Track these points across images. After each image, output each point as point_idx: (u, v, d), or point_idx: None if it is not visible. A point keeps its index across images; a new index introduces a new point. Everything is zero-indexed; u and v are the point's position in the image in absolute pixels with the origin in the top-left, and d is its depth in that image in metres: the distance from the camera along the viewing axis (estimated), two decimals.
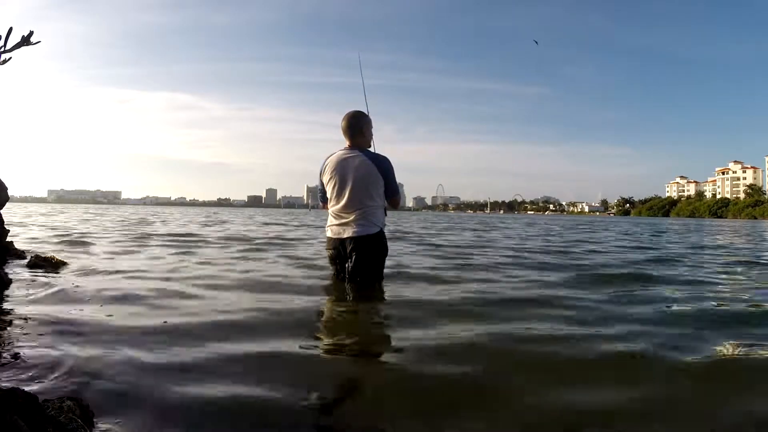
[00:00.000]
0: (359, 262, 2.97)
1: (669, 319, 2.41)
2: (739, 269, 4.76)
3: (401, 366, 1.65)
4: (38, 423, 1.04)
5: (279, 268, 4.15)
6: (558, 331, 2.12)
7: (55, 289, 2.92)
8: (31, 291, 2.85)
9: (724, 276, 4.17)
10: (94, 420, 1.20)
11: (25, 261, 3.98)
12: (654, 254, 6.27)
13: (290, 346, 1.84)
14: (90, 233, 8.30)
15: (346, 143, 3.11)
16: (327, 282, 3.27)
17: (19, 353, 1.69)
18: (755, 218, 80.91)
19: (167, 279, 3.44)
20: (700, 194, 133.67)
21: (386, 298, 2.90)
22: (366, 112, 3.20)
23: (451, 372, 1.59)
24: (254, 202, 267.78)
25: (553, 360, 1.76)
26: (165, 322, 2.17)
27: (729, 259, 5.81)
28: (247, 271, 3.83)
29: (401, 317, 2.39)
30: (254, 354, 1.73)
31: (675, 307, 2.71)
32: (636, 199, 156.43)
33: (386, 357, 1.80)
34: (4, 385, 1.34)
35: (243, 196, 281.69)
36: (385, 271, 3.24)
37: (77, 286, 3.01)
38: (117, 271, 3.72)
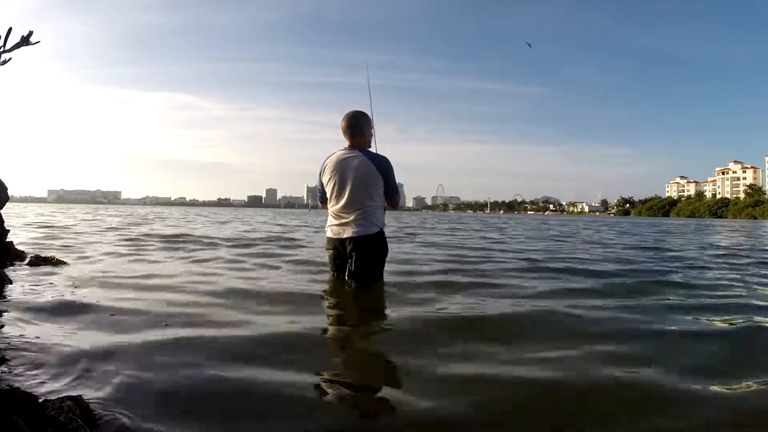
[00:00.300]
0: (359, 262, 2.97)
1: (699, 337, 2.20)
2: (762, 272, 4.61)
3: (409, 398, 1.45)
4: (38, 423, 1.04)
5: (279, 271, 4.13)
6: (568, 351, 1.92)
7: (55, 289, 2.92)
8: (31, 291, 2.85)
9: (748, 282, 3.93)
10: (94, 421, 1.20)
11: (26, 261, 3.99)
12: (671, 256, 6.21)
13: (290, 373, 1.64)
14: (90, 233, 8.31)
15: (346, 143, 3.11)
16: (327, 286, 3.21)
17: (19, 354, 1.70)
18: (755, 218, 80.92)
19: (166, 281, 3.44)
20: (700, 194, 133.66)
21: (393, 310, 2.62)
22: (370, 114, 3.20)
23: (452, 407, 1.41)
24: (254, 202, 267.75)
25: (569, 390, 1.56)
26: (166, 325, 2.18)
27: (750, 260, 5.74)
28: (245, 277, 3.73)
29: (409, 334, 2.16)
30: (251, 378, 1.57)
31: (707, 323, 2.47)
32: (636, 199, 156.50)
33: (393, 388, 1.59)
34: (4, 385, 1.34)
35: (243, 196, 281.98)
36: (393, 276, 3.15)
37: (77, 287, 3.02)
38: (117, 273, 3.72)
